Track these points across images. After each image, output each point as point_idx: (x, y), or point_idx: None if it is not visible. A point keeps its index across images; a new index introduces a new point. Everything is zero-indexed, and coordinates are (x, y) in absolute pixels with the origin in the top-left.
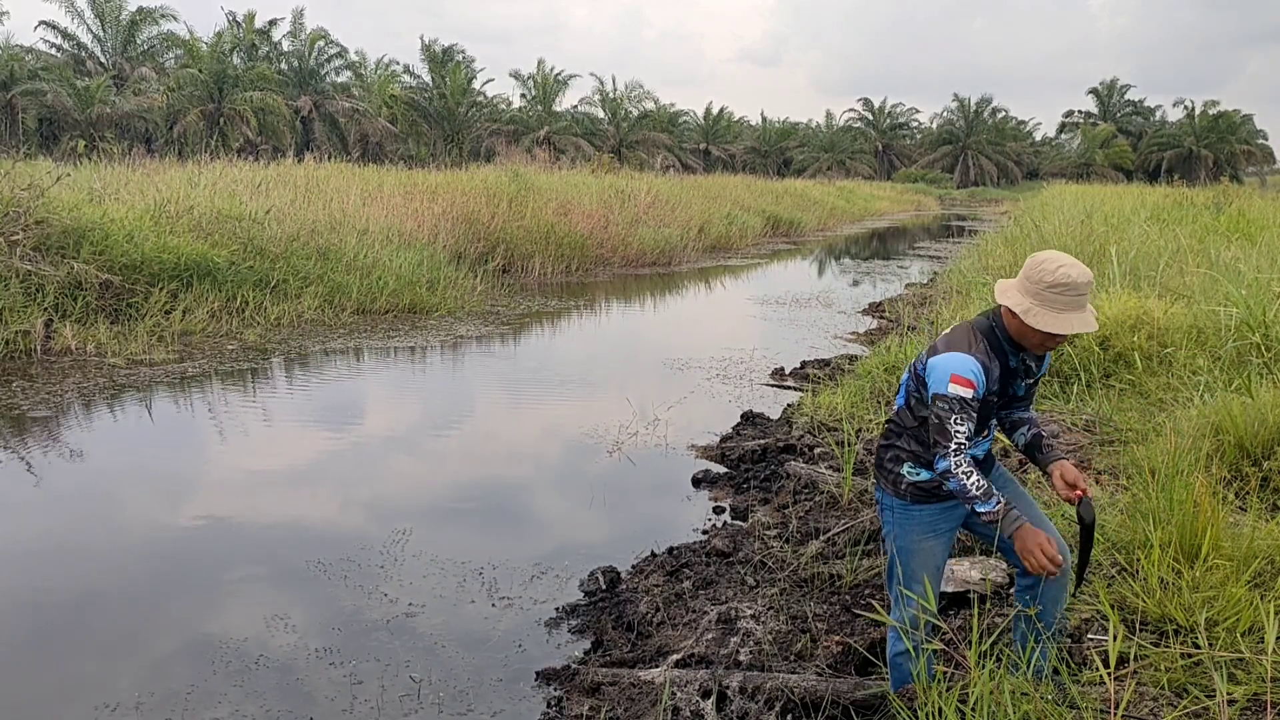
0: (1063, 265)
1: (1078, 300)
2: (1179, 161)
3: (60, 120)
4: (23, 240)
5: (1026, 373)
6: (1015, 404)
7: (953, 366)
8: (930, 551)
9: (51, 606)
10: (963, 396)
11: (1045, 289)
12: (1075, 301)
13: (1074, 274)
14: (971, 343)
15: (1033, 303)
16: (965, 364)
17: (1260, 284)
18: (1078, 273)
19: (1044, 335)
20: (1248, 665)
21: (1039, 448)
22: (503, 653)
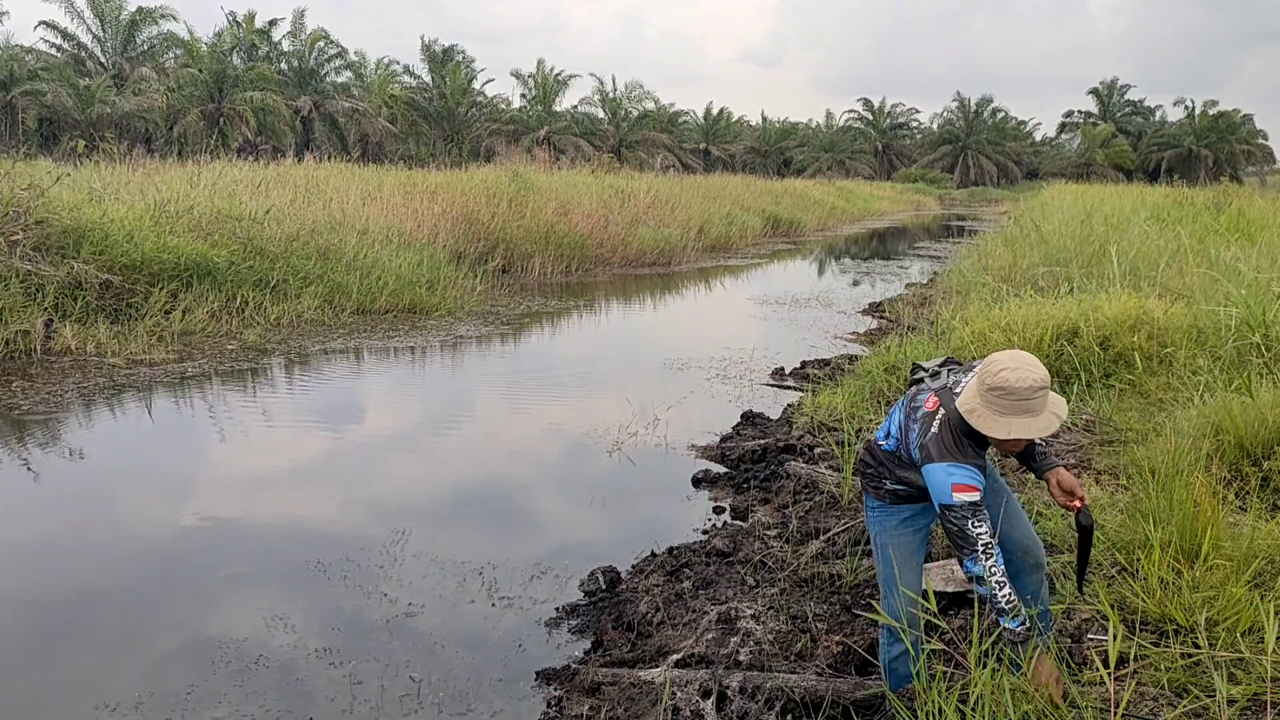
0: (1004, 369)
1: (1021, 405)
2: (1179, 161)
3: (60, 120)
4: (23, 240)
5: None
6: None
7: (953, 478)
8: (909, 545)
9: (51, 606)
10: (972, 502)
11: (987, 391)
12: (1018, 406)
13: (1012, 379)
14: (960, 448)
15: (979, 403)
16: (964, 475)
17: (1260, 284)
18: (1017, 377)
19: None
20: (1248, 665)
21: (1033, 455)
22: (503, 653)
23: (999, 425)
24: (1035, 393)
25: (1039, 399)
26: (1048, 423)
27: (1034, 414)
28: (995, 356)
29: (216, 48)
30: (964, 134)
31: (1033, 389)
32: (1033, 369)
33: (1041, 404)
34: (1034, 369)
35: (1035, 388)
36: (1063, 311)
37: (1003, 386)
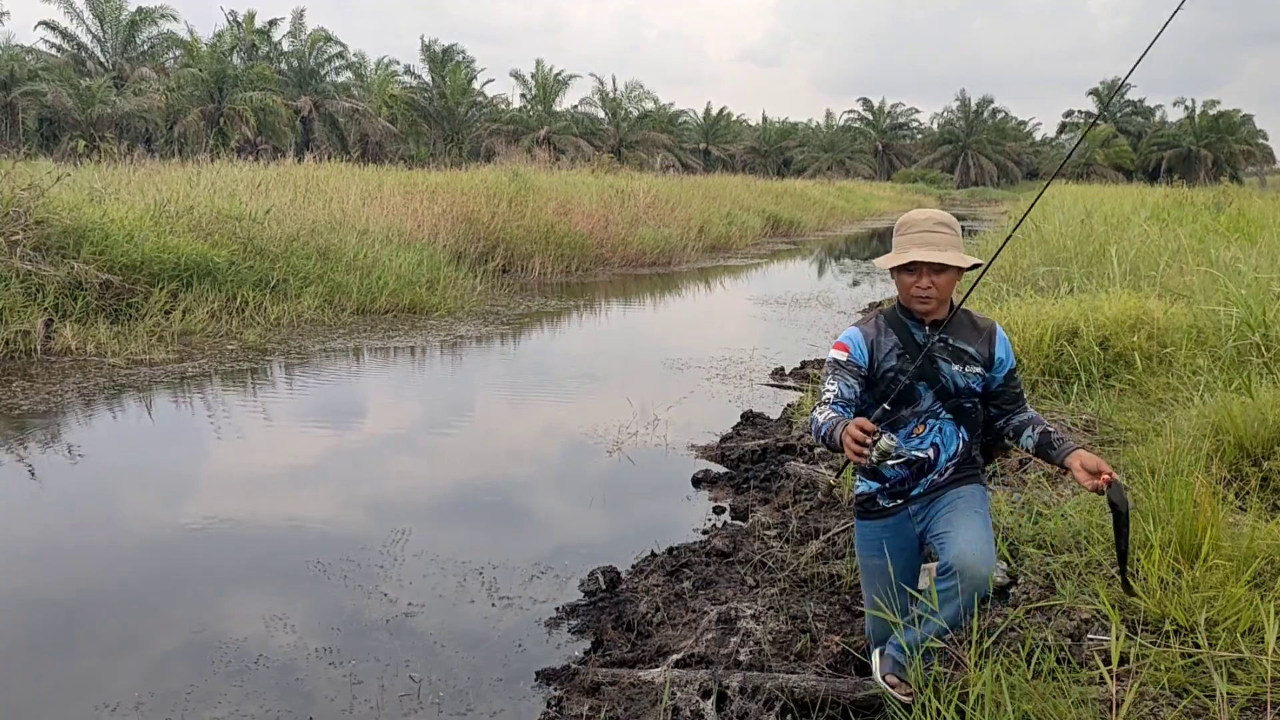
0: (910, 211)
1: (919, 238)
2: (1179, 161)
3: (60, 120)
4: (23, 240)
5: (956, 356)
6: (1003, 405)
7: (840, 337)
8: (876, 569)
9: (51, 606)
10: (835, 359)
11: (894, 237)
12: (915, 239)
13: (913, 214)
14: (866, 319)
15: (891, 253)
16: (847, 333)
17: (1260, 284)
18: (917, 212)
19: (899, 280)
20: (1248, 665)
21: (1050, 444)
22: (502, 653)
23: (897, 256)
24: (936, 226)
25: (940, 234)
26: (951, 256)
27: (934, 246)
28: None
29: (216, 48)
30: (964, 134)
31: (932, 220)
32: (934, 209)
33: (944, 241)
34: (936, 209)
35: (935, 220)
36: (1062, 311)
37: (904, 222)
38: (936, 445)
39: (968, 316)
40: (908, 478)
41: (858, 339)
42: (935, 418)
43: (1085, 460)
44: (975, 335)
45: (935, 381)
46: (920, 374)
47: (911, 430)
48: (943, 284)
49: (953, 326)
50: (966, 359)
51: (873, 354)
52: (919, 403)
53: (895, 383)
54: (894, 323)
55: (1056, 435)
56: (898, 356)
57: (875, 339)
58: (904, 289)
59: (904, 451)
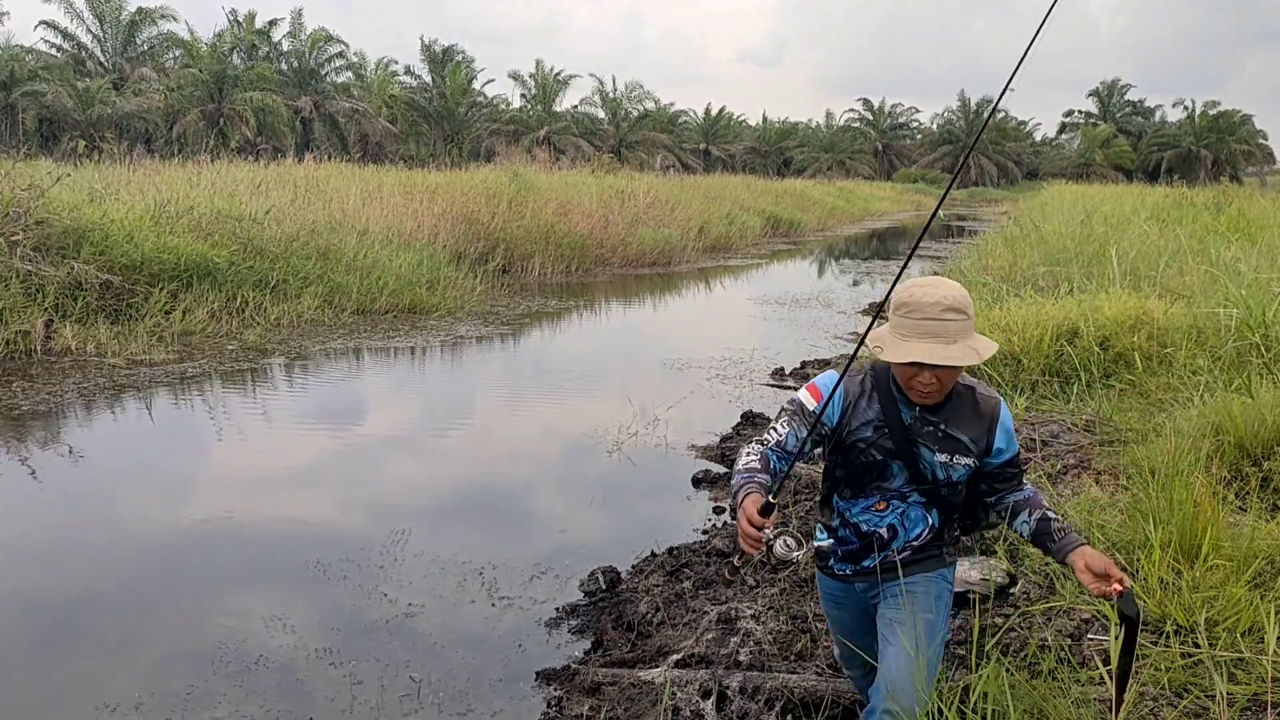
0: (914, 285)
1: (925, 326)
2: (1179, 161)
3: (60, 120)
4: (23, 240)
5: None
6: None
7: (818, 379)
8: (835, 618)
9: (51, 606)
10: (801, 403)
11: (894, 313)
12: (922, 327)
13: (918, 294)
14: (855, 372)
15: (886, 331)
16: (825, 377)
17: (1260, 284)
18: (924, 293)
19: (897, 369)
20: (1248, 665)
21: (1050, 535)
22: (503, 653)
23: (900, 348)
24: (945, 313)
25: (951, 322)
26: (960, 353)
27: (942, 339)
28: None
29: (216, 48)
30: (964, 134)
31: (940, 306)
32: (944, 287)
33: (954, 331)
34: (946, 287)
35: (944, 306)
36: (1063, 312)
37: (907, 302)
38: (894, 527)
39: (970, 396)
40: (857, 549)
41: (838, 393)
42: (903, 500)
43: (1092, 560)
44: (974, 421)
45: (912, 466)
46: (896, 454)
47: (872, 504)
48: (948, 378)
49: (948, 411)
50: (957, 449)
51: (846, 416)
52: (889, 480)
53: (864, 456)
54: (882, 390)
55: (1058, 524)
56: (874, 429)
57: (856, 400)
58: (902, 376)
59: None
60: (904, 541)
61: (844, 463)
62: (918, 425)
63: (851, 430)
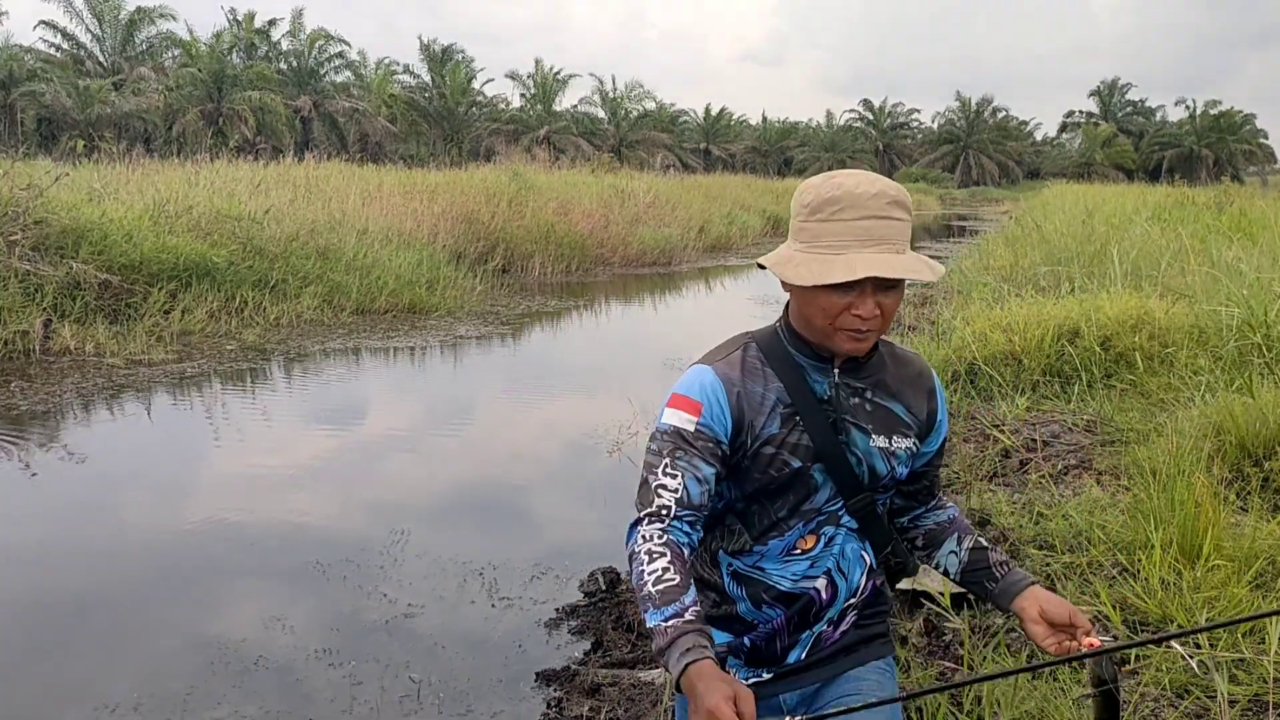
0: (834, 176)
1: (861, 228)
2: (1180, 161)
3: (59, 120)
4: (22, 240)
5: (882, 420)
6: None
7: (677, 385)
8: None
9: (51, 607)
10: (676, 427)
11: (806, 218)
12: (856, 230)
13: (848, 183)
14: (723, 350)
15: (794, 248)
16: (693, 378)
17: (1261, 284)
18: (854, 181)
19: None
20: (1249, 666)
21: (988, 569)
22: (502, 653)
23: (834, 265)
24: (889, 207)
25: (897, 221)
26: (916, 263)
27: (890, 245)
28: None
29: (215, 47)
30: (965, 134)
31: (884, 199)
32: (876, 179)
33: (900, 234)
34: (878, 179)
35: (888, 199)
36: (1064, 311)
37: (835, 198)
38: (831, 575)
39: (888, 350)
40: (780, 629)
41: (714, 390)
42: (834, 524)
43: (1049, 606)
44: (908, 382)
45: (840, 466)
46: (819, 452)
47: (793, 543)
48: (891, 306)
49: (872, 371)
50: (895, 425)
51: (740, 416)
52: (812, 497)
53: (774, 466)
54: (777, 360)
55: (997, 555)
56: (781, 420)
57: (745, 388)
58: (822, 313)
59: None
60: (845, 598)
61: (742, 492)
62: (841, 397)
63: (752, 433)
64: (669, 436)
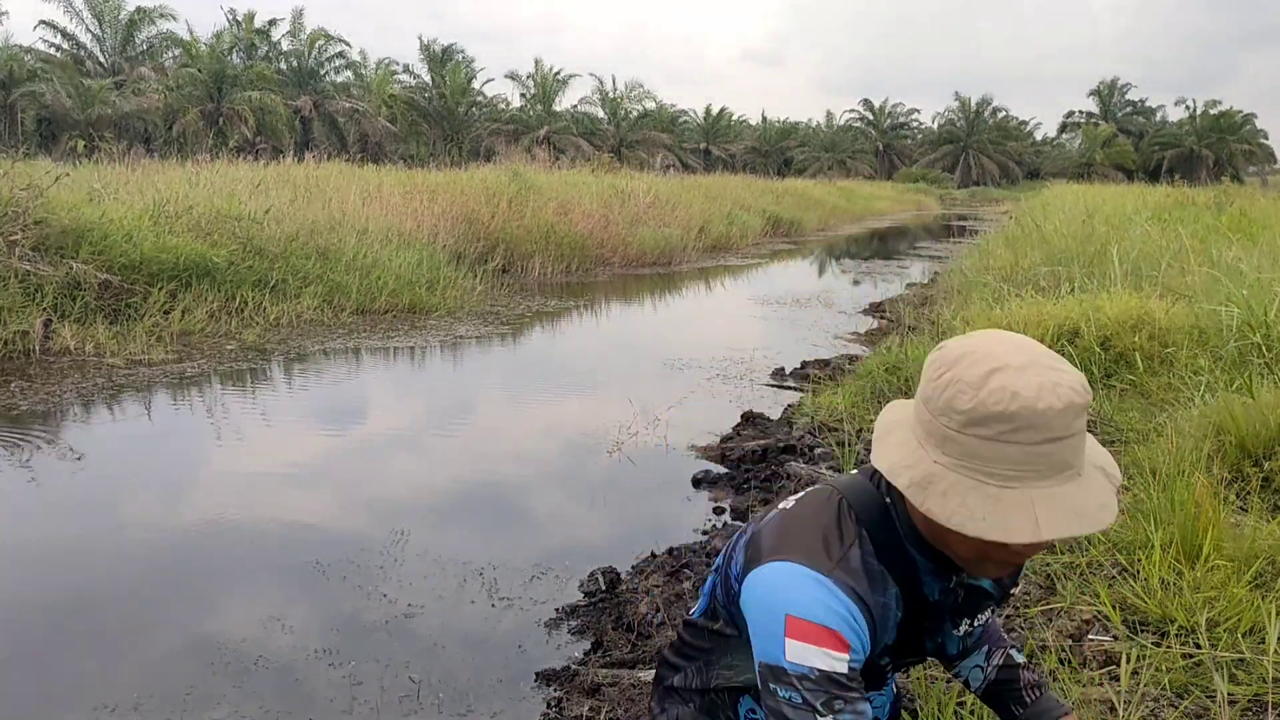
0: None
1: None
2: (1180, 161)
3: (59, 120)
4: (21, 240)
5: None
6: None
7: (793, 603)
8: None
9: (51, 606)
10: (827, 673)
11: (963, 429)
12: (1041, 457)
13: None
14: (829, 543)
15: (940, 462)
16: (818, 598)
17: (1262, 284)
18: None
19: (970, 540)
20: (1249, 666)
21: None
22: (502, 653)
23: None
24: (1076, 421)
25: (1080, 437)
26: (1101, 494)
27: (1073, 470)
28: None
29: (215, 47)
30: (965, 134)
31: (1072, 411)
32: (1061, 374)
33: (1080, 449)
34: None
35: (1076, 409)
36: (1064, 311)
37: (1005, 413)
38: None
39: None
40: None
41: (854, 617)
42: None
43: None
44: None
45: (922, 653)
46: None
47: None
48: None
49: None
50: (983, 604)
51: (874, 637)
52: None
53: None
54: (890, 558)
55: (1030, 676)
56: (896, 626)
57: (873, 604)
58: (975, 551)
59: None
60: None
61: None
62: (947, 600)
63: (875, 650)
64: (818, 684)
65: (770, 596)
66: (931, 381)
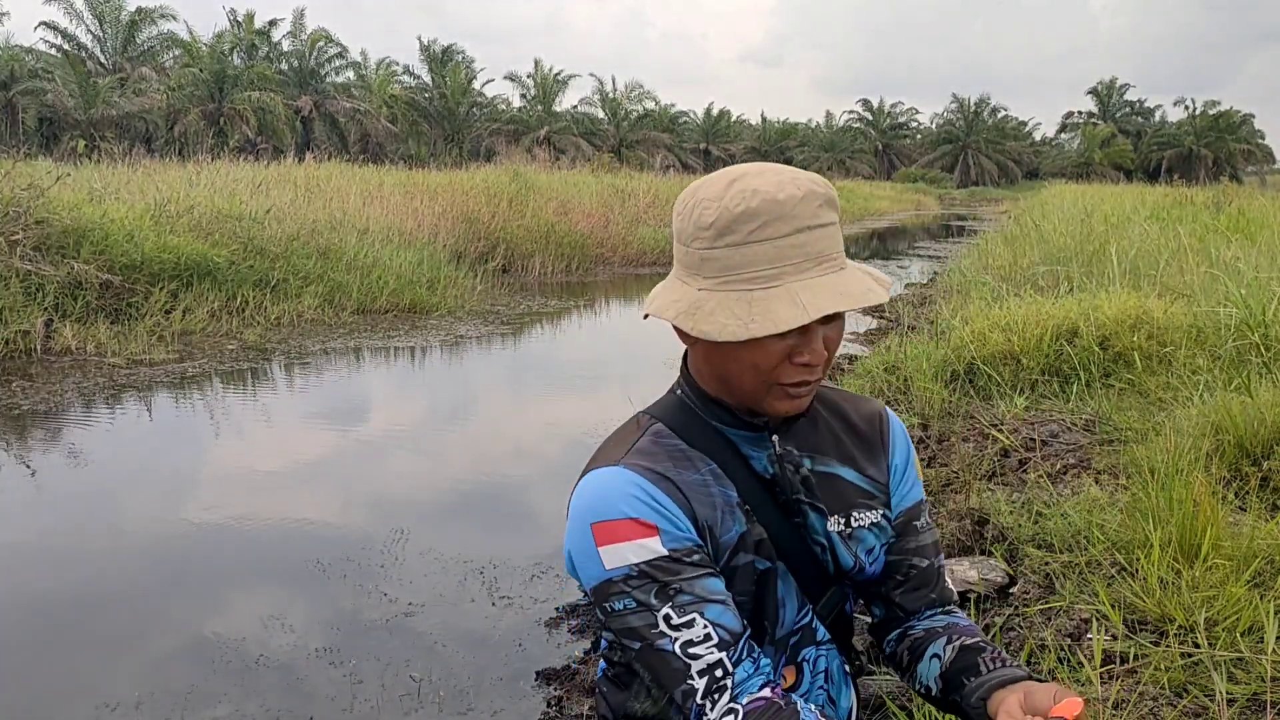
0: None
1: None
2: (1179, 161)
3: (60, 120)
4: (23, 240)
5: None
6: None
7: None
8: None
9: (51, 606)
10: (641, 563)
11: (712, 244)
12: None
13: (769, 188)
14: (620, 444)
15: (700, 285)
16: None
17: (1260, 283)
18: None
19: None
20: (1247, 665)
21: (974, 664)
22: (503, 652)
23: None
24: (821, 210)
25: (831, 228)
26: (863, 284)
27: (832, 261)
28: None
29: (216, 47)
30: (964, 134)
31: (816, 200)
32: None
33: (835, 241)
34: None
35: (820, 199)
36: (1062, 311)
37: (746, 211)
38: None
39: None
40: None
41: (654, 498)
42: (811, 642)
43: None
44: (852, 435)
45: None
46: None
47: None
48: (836, 341)
49: (802, 431)
50: (851, 497)
51: (694, 516)
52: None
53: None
54: (697, 435)
55: (990, 652)
56: (742, 511)
57: (679, 479)
58: (752, 370)
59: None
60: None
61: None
62: (787, 473)
63: (717, 540)
64: (641, 579)
65: (576, 520)
66: (679, 216)
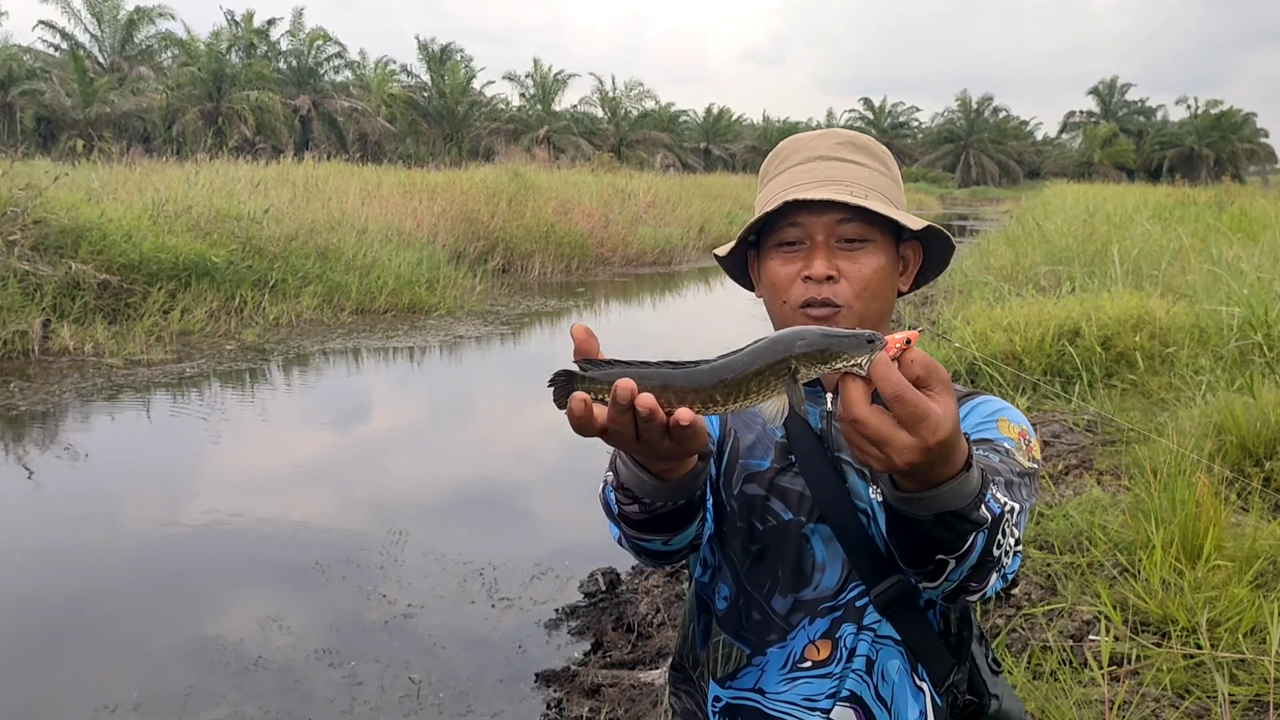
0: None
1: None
2: (1181, 160)
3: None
4: (21, 240)
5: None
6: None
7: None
8: None
9: (51, 606)
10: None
11: (760, 187)
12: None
13: (796, 136)
14: None
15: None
16: None
17: (1262, 283)
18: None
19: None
20: (1250, 666)
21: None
22: (503, 654)
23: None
24: (839, 147)
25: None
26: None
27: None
28: None
29: (214, 47)
30: (965, 133)
31: (831, 137)
32: (839, 130)
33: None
34: (842, 130)
35: (838, 139)
36: (1065, 311)
37: (776, 150)
38: (867, 707)
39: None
40: None
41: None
42: (855, 622)
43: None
44: None
45: (851, 529)
46: (823, 506)
47: (799, 651)
48: (859, 274)
49: None
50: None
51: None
52: (810, 577)
53: (761, 518)
54: None
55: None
56: (776, 454)
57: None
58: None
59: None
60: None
61: (729, 551)
62: (834, 432)
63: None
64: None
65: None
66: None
